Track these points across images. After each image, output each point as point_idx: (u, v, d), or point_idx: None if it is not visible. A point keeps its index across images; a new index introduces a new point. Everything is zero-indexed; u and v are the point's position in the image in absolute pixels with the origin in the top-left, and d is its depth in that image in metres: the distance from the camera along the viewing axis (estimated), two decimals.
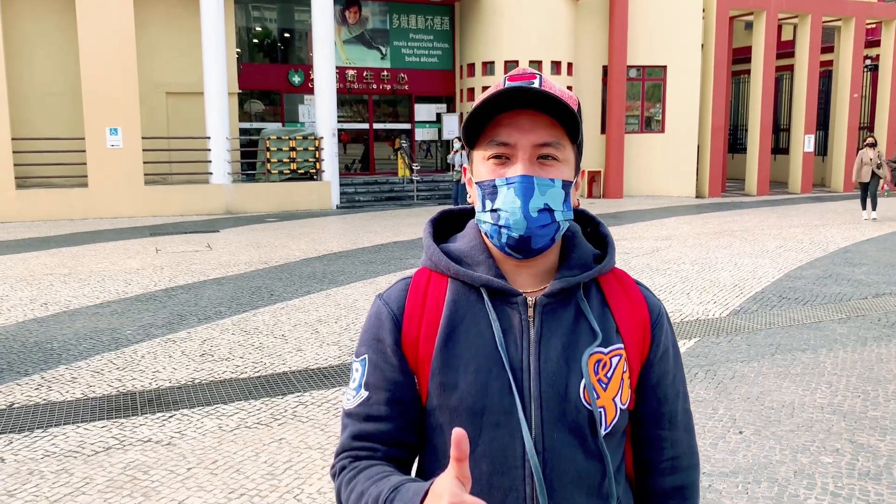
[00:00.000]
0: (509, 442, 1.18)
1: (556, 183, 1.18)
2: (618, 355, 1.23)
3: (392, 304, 1.26)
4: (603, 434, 1.20)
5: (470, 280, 1.23)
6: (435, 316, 1.23)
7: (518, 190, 1.15)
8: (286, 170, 17.87)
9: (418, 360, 1.23)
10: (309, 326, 7.09)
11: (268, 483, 3.90)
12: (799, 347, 6.35)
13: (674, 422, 1.30)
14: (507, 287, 1.21)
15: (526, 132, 1.16)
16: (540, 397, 1.18)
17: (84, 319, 7.35)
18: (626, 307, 1.27)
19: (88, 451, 4.32)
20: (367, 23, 21.23)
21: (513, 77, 1.17)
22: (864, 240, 12.73)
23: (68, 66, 17.54)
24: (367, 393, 1.24)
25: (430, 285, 1.26)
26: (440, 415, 1.21)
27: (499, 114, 1.17)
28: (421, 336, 1.23)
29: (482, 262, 1.24)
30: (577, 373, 1.19)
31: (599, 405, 1.20)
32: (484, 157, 1.19)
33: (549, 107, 1.15)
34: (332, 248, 11.97)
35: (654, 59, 21.29)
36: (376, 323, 1.27)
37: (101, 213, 16.15)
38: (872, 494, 3.76)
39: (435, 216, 1.36)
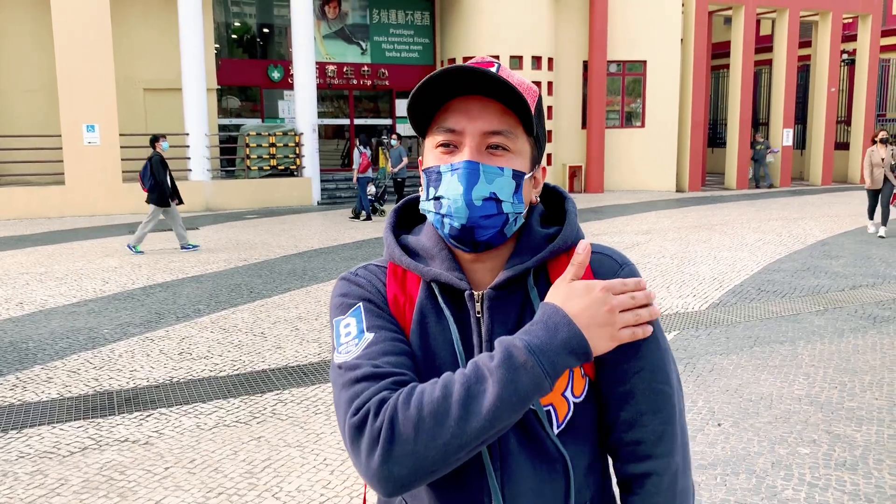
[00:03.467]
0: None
1: (506, 171, 1.10)
2: None
3: (378, 275, 1.20)
4: (556, 432, 1.13)
5: (419, 273, 1.16)
6: (409, 309, 1.18)
7: (462, 176, 1.08)
8: (266, 166, 17.76)
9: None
10: (289, 324, 7.05)
11: (246, 481, 3.87)
12: (777, 340, 6.40)
13: (631, 401, 1.14)
14: (455, 282, 1.14)
15: (474, 118, 1.09)
16: None
17: (60, 319, 7.26)
18: None
19: (64, 452, 4.26)
20: (346, 18, 21.13)
21: (472, 64, 1.10)
22: (841, 232, 12.86)
23: (43, 62, 17.32)
24: (374, 334, 1.12)
25: (407, 276, 1.21)
26: None
27: (448, 100, 1.11)
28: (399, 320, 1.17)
29: (437, 255, 1.17)
30: None
31: (546, 403, 1.12)
32: (433, 145, 1.13)
33: (501, 94, 1.08)
34: (313, 244, 11.91)
35: (634, 54, 21.37)
36: (367, 280, 1.19)
37: (78, 210, 15.96)
38: (849, 484, 3.80)
39: (399, 205, 1.29)
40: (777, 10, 22.54)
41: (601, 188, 21.11)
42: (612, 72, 21.50)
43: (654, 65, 21.38)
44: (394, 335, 1.13)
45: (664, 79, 21.31)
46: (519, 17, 19.49)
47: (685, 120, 21.67)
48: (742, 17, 21.82)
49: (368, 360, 1.09)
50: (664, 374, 1.16)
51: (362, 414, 1.04)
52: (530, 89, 1.13)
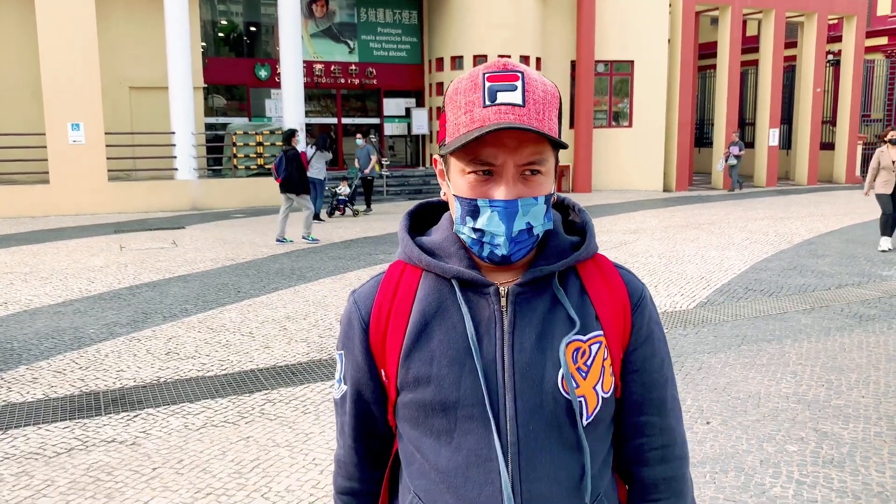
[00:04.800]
0: (484, 434, 1.16)
1: (539, 200, 1.15)
2: (597, 342, 1.20)
3: (360, 305, 1.26)
4: (584, 424, 1.18)
5: (441, 271, 1.20)
6: (404, 308, 1.22)
7: (502, 215, 1.13)
8: (253, 165, 17.67)
9: (386, 356, 1.23)
10: (277, 323, 7.02)
11: (235, 482, 3.85)
12: (764, 338, 6.43)
13: (663, 409, 1.27)
14: (478, 278, 1.19)
15: (512, 153, 1.11)
16: (514, 388, 1.16)
17: (45, 319, 7.19)
18: (604, 293, 1.24)
19: (50, 453, 4.22)
20: (334, 16, 21.07)
21: (493, 77, 1.12)
22: (827, 232, 12.95)
23: (27, 60, 17.17)
24: (347, 386, 1.31)
25: (402, 278, 1.25)
26: (413, 409, 1.20)
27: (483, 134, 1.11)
28: (389, 332, 1.22)
29: (454, 253, 1.21)
30: (553, 362, 1.17)
31: (579, 394, 1.17)
32: (463, 171, 1.14)
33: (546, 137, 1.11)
34: (301, 244, 11.86)
35: (621, 54, 21.44)
36: (347, 323, 1.29)
37: (63, 210, 15.83)
38: (836, 481, 3.82)
39: (413, 208, 1.34)
40: (763, 11, 22.68)
41: (589, 188, 21.17)
42: (599, 72, 21.56)
43: (641, 65, 21.46)
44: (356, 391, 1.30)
45: (651, 79, 21.40)
46: (507, 16, 19.51)
47: (672, 120, 21.77)
48: (728, 17, 21.95)
49: (341, 412, 1.34)
50: (675, 380, 1.33)
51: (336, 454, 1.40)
52: (553, 97, 1.15)
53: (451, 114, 1.15)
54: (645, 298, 1.28)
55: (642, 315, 1.26)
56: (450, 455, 1.18)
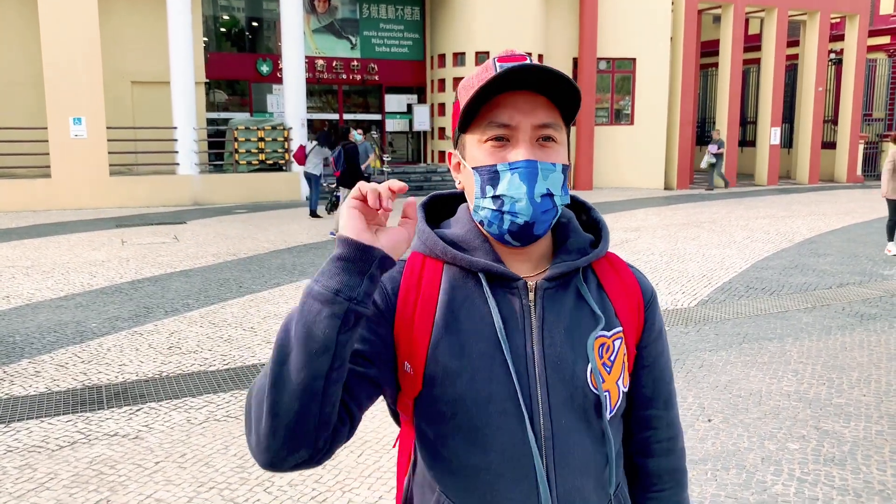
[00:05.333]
0: (517, 429, 1.15)
1: (557, 167, 1.15)
2: (619, 338, 1.22)
3: (387, 286, 1.19)
4: (609, 417, 1.20)
5: (469, 265, 1.19)
6: (430, 302, 1.19)
7: (523, 175, 1.13)
8: (254, 160, 17.67)
9: (413, 347, 1.16)
10: (278, 319, 7.02)
11: (238, 476, 3.86)
12: (766, 336, 6.44)
13: (669, 403, 1.32)
14: (508, 272, 1.18)
15: (527, 113, 1.13)
16: (546, 382, 1.16)
17: (48, 312, 7.20)
18: (621, 291, 1.26)
19: (53, 446, 4.23)
20: (336, 12, 21.05)
21: (503, 58, 1.15)
22: (828, 231, 12.96)
23: (30, 54, 17.15)
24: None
25: (424, 270, 1.22)
26: (441, 404, 1.16)
27: (496, 95, 1.13)
28: (416, 321, 1.17)
29: (479, 247, 1.20)
30: (582, 357, 1.18)
31: (605, 389, 1.19)
32: (480, 141, 1.15)
33: (547, 87, 1.13)
34: (302, 239, 11.87)
35: (623, 51, 21.42)
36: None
37: (64, 204, 15.83)
38: (837, 479, 3.83)
39: (425, 200, 1.31)
40: (765, 10, 22.65)
41: (590, 185, 21.16)
42: (601, 69, 21.54)
43: (643, 62, 21.44)
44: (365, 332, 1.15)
45: (653, 76, 21.38)
46: (509, 13, 19.48)
47: (674, 118, 21.75)
48: (731, 15, 21.92)
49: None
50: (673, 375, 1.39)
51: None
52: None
53: (465, 95, 1.17)
54: (655, 297, 1.32)
55: (654, 313, 1.30)
56: (482, 451, 1.16)
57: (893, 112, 25.90)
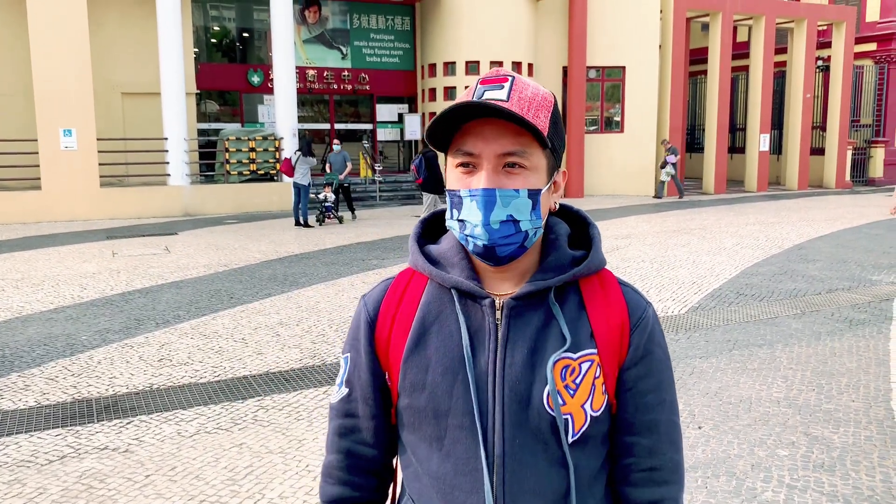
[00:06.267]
0: (472, 444, 1.18)
1: (521, 193, 1.15)
2: (589, 361, 1.20)
3: (369, 306, 1.30)
4: (570, 441, 1.18)
5: (441, 281, 1.24)
6: (408, 315, 1.25)
7: (480, 203, 1.15)
8: (245, 171, 17.66)
9: (389, 359, 1.26)
10: (270, 329, 7.02)
11: (228, 489, 3.85)
12: (756, 343, 6.47)
13: (655, 431, 1.25)
14: (476, 289, 1.21)
15: (490, 142, 1.15)
16: (503, 401, 1.18)
17: (37, 325, 7.17)
18: (603, 310, 1.23)
19: (42, 461, 4.21)
20: (327, 22, 21.09)
21: (485, 80, 1.16)
22: (817, 237, 13.03)
23: (19, 66, 17.12)
24: (348, 390, 1.31)
25: (409, 285, 1.29)
26: (409, 414, 1.24)
27: (465, 122, 1.16)
28: (392, 335, 1.25)
29: (457, 263, 1.24)
30: (541, 378, 1.17)
31: (566, 412, 1.18)
32: (453, 165, 1.20)
33: (515, 117, 1.13)
34: (293, 249, 11.86)
35: (613, 59, 21.53)
36: (355, 324, 1.32)
37: (55, 216, 15.78)
38: (827, 486, 3.85)
39: (427, 216, 1.37)
40: (753, 17, 22.82)
41: (581, 193, 21.24)
42: (591, 77, 21.64)
43: (632, 70, 21.55)
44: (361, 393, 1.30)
45: (643, 84, 21.49)
46: (499, 22, 19.57)
47: (664, 125, 21.85)
48: (719, 23, 22.07)
49: (338, 416, 1.34)
50: (677, 407, 1.30)
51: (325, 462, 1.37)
52: (545, 100, 1.18)
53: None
54: (647, 318, 1.25)
55: (641, 335, 1.24)
56: (440, 461, 1.21)
57: (881, 118, 26.09)
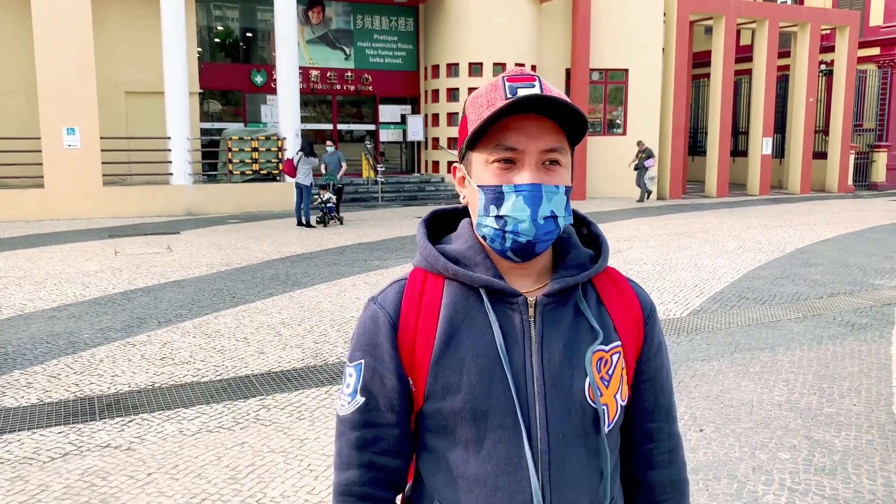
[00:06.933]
0: (515, 443, 1.18)
1: (561, 189, 1.19)
2: (617, 352, 1.25)
3: (388, 308, 1.24)
4: (606, 431, 1.22)
5: (470, 281, 1.22)
6: (431, 317, 1.22)
7: (528, 199, 1.16)
8: (248, 170, 17.68)
9: (414, 363, 1.22)
10: (272, 329, 7.02)
11: (230, 487, 3.86)
12: (757, 346, 6.47)
13: (670, 415, 1.34)
14: (508, 288, 1.21)
15: (533, 138, 1.16)
16: (545, 397, 1.19)
17: (40, 323, 7.19)
18: (620, 306, 1.28)
19: (44, 458, 4.22)
20: (330, 23, 21.12)
21: (512, 78, 1.17)
22: (819, 241, 13.02)
23: (23, 64, 17.16)
24: (364, 399, 1.25)
25: (425, 286, 1.25)
26: (442, 418, 1.21)
27: (505, 117, 1.16)
28: (417, 338, 1.22)
29: (480, 262, 1.23)
30: (580, 371, 1.20)
31: (602, 403, 1.22)
32: (487, 161, 1.18)
33: (555, 112, 1.16)
34: (295, 249, 11.87)
35: (616, 62, 21.53)
36: (372, 327, 1.25)
37: (57, 214, 15.80)
38: (828, 489, 3.85)
39: (427, 216, 1.35)
40: (757, 21, 22.82)
41: (583, 195, 21.23)
42: (594, 80, 21.64)
43: (635, 73, 21.56)
44: (385, 401, 1.24)
45: (646, 87, 21.49)
46: (503, 24, 19.59)
47: (666, 128, 21.86)
48: (722, 26, 22.07)
49: (353, 428, 1.26)
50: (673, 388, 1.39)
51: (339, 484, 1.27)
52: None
53: (473, 114, 1.19)
54: (654, 311, 1.34)
55: (654, 327, 1.32)
56: (479, 464, 1.19)
57: (884, 122, 26.08)
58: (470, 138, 1.18)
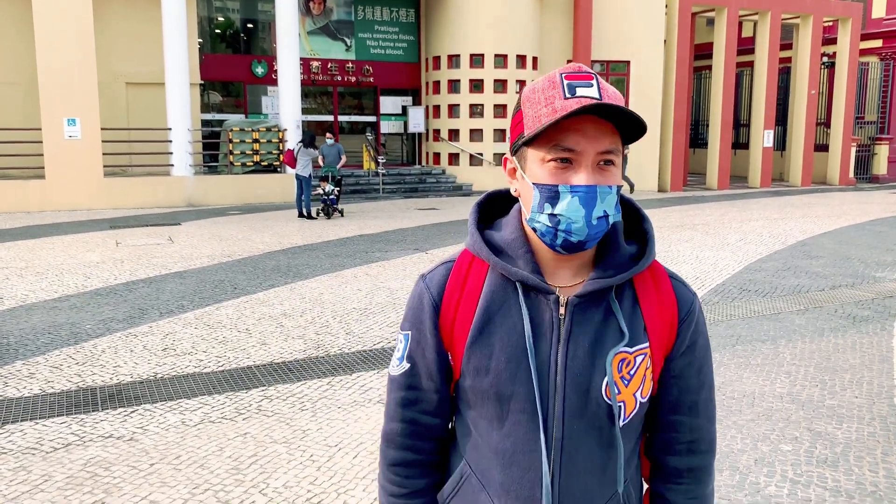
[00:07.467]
0: (532, 428, 1.27)
1: (613, 189, 1.22)
2: (643, 354, 1.28)
3: (433, 289, 1.34)
4: (621, 425, 1.28)
5: (507, 273, 1.28)
6: (471, 301, 1.31)
7: (583, 200, 1.19)
8: (249, 162, 17.66)
9: (453, 340, 1.32)
10: (273, 320, 7.03)
11: (233, 478, 3.86)
12: (759, 338, 6.47)
13: (695, 410, 1.37)
14: (542, 285, 1.26)
15: (592, 140, 1.18)
16: (564, 391, 1.26)
17: (42, 314, 7.19)
18: (656, 306, 1.31)
19: (47, 448, 4.23)
20: (331, 14, 21.06)
21: (570, 76, 1.19)
22: (821, 233, 13.02)
23: (24, 55, 17.12)
24: (409, 365, 1.38)
25: (471, 270, 1.33)
26: (472, 393, 1.32)
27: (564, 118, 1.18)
28: (457, 318, 1.31)
29: (521, 255, 1.28)
30: (600, 370, 1.26)
31: (620, 400, 1.27)
32: (544, 159, 1.21)
33: (613, 116, 1.18)
34: (297, 241, 11.87)
35: (617, 54, 21.48)
36: (418, 305, 1.36)
37: (58, 205, 15.80)
38: (830, 481, 3.86)
39: (481, 199, 1.39)
40: (759, 13, 22.75)
41: None
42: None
43: (637, 65, 21.50)
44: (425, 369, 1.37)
45: (647, 79, 21.44)
46: (504, 15, 19.53)
47: (668, 120, 21.82)
48: (724, 18, 22.00)
49: (399, 388, 1.40)
50: (713, 383, 1.41)
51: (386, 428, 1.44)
52: (622, 100, 1.22)
53: (531, 109, 1.21)
54: (693, 311, 1.34)
55: (688, 328, 1.33)
56: (500, 439, 1.30)
57: (885, 115, 26.03)
58: (529, 137, 1.20)
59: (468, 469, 1.36)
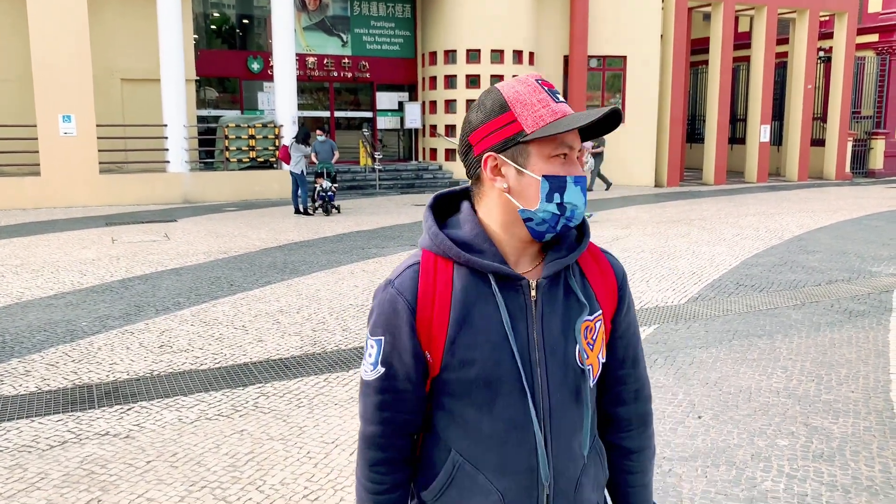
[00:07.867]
0: (521, 405, 1.40)
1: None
2: (599, 320, 1.47)
3: (406, 293, 1.41)
4: (591, 386, 1.46)
5: (480, 267, 1.39)
6: (445, 299, 1.40)
7: (583, 188, 1.39)
8: (245, 158, 17.62)
9: (431, 340, 1.40)
10: (270, 317, 7.02)
11: (229, 475, 3.86)
12: (755, 333, 6.48)
13: (636, 362, 1.58)
14: (514, 273, 1.40)
15: (576, 138, 1.39)
16: (545, 364, 1.41)
17: (37, 311, 7.17)
18: (599, 276, 1.50)
19: (43, 446, 4.22)
20: (327, 9, 21.00)
21: (545, 83, 1.38)
22: (817, 228, 13.03)
23: (18, 51, 17.04)
24: (384, 369, 1.44)
25: (437, 270, 1.42)
26: (457, 385, 1.41)
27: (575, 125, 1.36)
28: (434, 319, 1.39)
29: (487, 249, 1.41)
30: (572, 340, 1.42)
31: (588, 364, 1.44)
32: (549, 155, 1.36)
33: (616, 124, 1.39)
34: (293, 237, 11.86)
35: (614, 49, 21.45)
36: (391, 311, 1.42)
37: (54, 202, 15.75)
38: (826, 475, 3.86)
39: (432, 201, 1.49)
40: (755, 7, 22.73)
41: None
42: (592, 67, 21.57)
43: (634, 60, 21.48)
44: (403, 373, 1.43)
45: (644, 74, 21.42)
46: (500, 10, 19.49)
47: (664, 115, 21.80)
48: (721, 13, 21.98)
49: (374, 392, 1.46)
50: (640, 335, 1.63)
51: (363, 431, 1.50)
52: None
53: (527, 110, 1.35)
54: (625, 276, 1.56)
55: (624, 290, 1.54)
56: (491, 422, 1.40)
57: (882, 109, 26.05)
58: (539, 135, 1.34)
59: (459, 458, 1.43)
